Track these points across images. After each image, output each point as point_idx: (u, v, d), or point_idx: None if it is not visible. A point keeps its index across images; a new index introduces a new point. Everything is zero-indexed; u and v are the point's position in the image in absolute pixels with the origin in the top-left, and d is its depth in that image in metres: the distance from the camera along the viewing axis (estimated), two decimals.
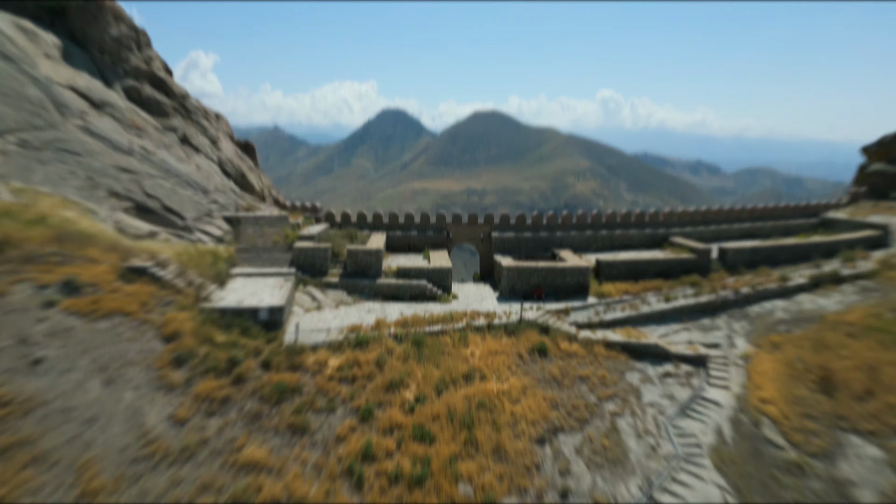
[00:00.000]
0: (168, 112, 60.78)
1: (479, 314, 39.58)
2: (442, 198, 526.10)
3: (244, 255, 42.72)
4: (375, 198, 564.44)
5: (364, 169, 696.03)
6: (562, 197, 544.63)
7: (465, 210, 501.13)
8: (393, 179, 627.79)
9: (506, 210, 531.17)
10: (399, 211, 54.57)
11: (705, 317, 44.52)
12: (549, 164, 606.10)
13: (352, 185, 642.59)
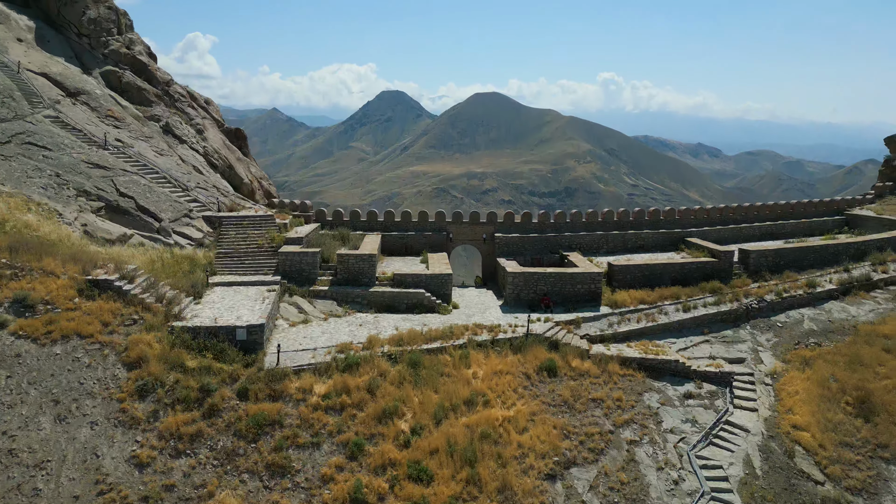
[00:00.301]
0: (150, 100, 57.07)
1: (482, 328, 36.05)
2: (441, 181, 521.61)
3: (225, 261, 39.13)
4: (375, 181, 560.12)
5: (363, 152, 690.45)
6: (562, 180, 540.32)
7: (465, 194, 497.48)
8: (392, 163, 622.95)
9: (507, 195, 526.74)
10: (396, 209, 51.01)
11: (727, 327, 41.01)
12: (550, 146, 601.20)
13: (351, 169, 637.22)
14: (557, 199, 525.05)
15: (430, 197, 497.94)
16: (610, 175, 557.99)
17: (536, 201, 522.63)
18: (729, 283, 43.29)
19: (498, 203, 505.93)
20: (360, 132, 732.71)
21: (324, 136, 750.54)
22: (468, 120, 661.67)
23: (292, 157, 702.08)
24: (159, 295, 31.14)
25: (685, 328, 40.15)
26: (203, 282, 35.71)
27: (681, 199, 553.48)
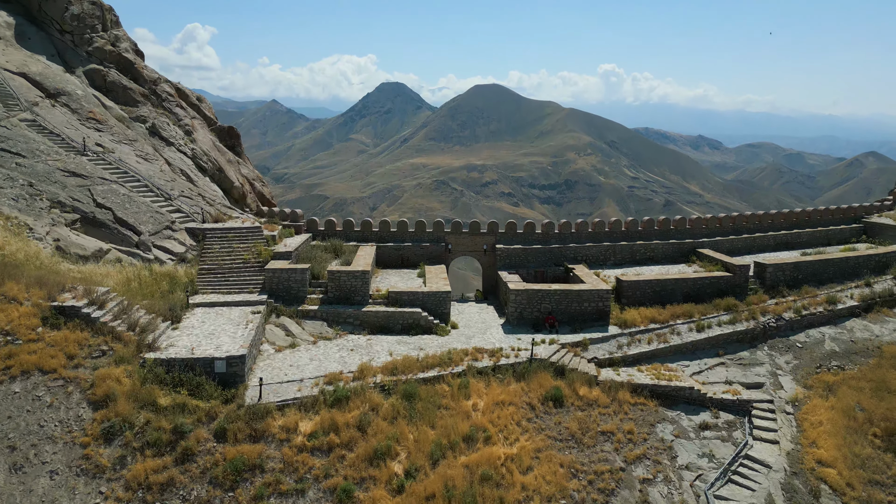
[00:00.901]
0: (136, 99, 54.43)
1: (483, 352, 33.55)
2: (441, 174, 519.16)
3: (208, 278, 36.60)
4: (374, 173, 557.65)
5: (363, 144, 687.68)
6: (562, 172, 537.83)
7: (465, 186, 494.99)
8: (392, 155, 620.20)
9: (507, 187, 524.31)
10: (391, 220, 48.42)
11: (744, 348, 38.55)
12: (550, 139, 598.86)
13: (351, 161, 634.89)
14: (558, 191, 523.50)
15: (430, 189, 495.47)
16: (610, 167, 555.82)
17: (536, 194, 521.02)
18: (744, 300, 40.76)
19: (498, 196, 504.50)
20: (359, 124, 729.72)
21: (323, 127, 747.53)
22: (468, 112, 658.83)
23: (292, 149, 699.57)
24: (132, 321, 28.61)
25: (699, 349, 37.70)
26: (183, 303, 33.20)
27: (681, 191, 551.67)
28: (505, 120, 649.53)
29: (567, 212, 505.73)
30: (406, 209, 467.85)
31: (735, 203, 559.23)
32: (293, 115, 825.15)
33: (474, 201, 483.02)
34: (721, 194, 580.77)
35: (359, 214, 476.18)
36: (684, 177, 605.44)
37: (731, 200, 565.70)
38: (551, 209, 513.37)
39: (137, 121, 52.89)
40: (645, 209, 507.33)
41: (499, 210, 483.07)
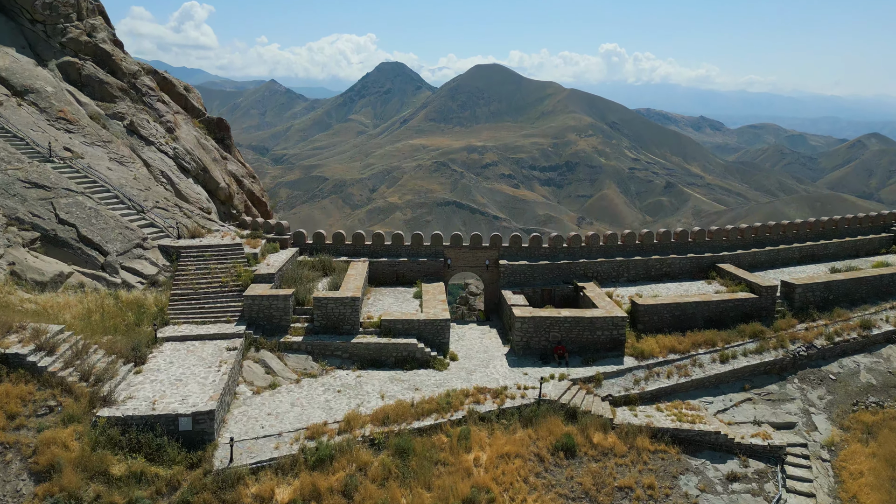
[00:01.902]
0: (114, 95, 50.59)
1: (486, 392, 30.04)
2: (441, 155, 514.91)
3: (181, 306, 33.00)
4: (374, 154, 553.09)
5: (362, 125, 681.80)
6: (563, 154, 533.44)
7: (465, 168, 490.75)
8: (392, 136, 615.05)
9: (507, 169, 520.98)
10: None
11: (772, 380, 35.06)
12: (551, 120, 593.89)
13: (350, 142, 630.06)
14: (558, 173, 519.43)
15: (430, 171, 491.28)
16: (611, 149, 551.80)
17: (537, 175, 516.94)
18: (772, 325, 37.21)
19: (498, 177, 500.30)
20: (359, 104, 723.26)
21: (322, 108, 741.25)
22: (468, 92, 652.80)
23: (291, 129, 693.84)
24: (86, 369, 25.04)
25: (723, 383, 34.22)
26: (150, 338, 29.66)
27: (682, 173, 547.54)
28: (506, 100, 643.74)
29: (567, 193, 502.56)
30: (406, 191, 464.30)
31: (736, 185, 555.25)
32: (292, 95, 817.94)
33: (474, 183, 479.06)
34: (722, 176, 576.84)
35: (358, 196, 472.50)
36: (685, 158, 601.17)
37: (733, 182, 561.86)
38: (552, 191, 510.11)
39: (114, 118, 49.13)
40: (646, 191, 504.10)
41: (499, 192, 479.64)
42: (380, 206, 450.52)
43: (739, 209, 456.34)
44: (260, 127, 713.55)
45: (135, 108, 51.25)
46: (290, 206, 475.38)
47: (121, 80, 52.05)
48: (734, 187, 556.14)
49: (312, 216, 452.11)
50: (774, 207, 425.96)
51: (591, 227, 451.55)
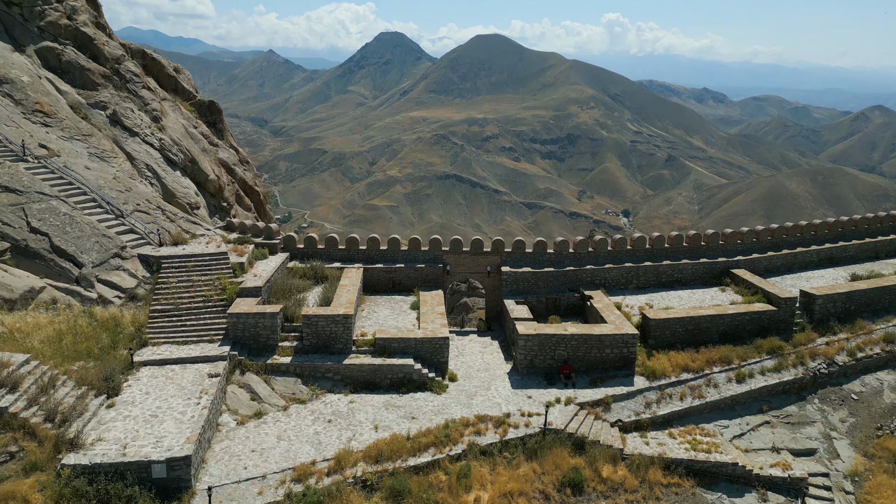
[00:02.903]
0: (96, 82, 47.96)
1: (487, 421, 27.98)
2: (441, 127, 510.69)
3: (161, 323, 30.81)
4: (373, 127, 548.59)
5: (361, 96, 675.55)
6: (564, 127, 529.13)
7: (466, 141, 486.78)
8: (391, 108, 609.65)
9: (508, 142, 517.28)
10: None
11: (791, 400, 33.03)
12: (552, 91, 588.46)
13: (349, 114, 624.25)
14: (559, 146, 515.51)
15: (430, 144, 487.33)
16: (613, 122, 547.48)
17: (538, 149, 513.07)
18: (791, 339, 35.07)
19: (499, 150, 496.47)
20: (358, 75, 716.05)
21: (321, 79, 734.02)
22: (469, 63, 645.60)
23: (290, 101, 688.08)
24: (52, 406, 22.93)
25: (739, 404, 32.18)
26: (126, 363, 27.53)
27: (684, 146, 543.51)
28: (507, 72, 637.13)
29: (568, 167, 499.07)
30: (405, 164, 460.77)
31: (738, 158, 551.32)
32: (290, 65, 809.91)
33: (475, 156, 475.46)
34: (724, 149, 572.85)
35: (358, 169, 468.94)
36: (688, 131, 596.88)
37: (735, 155, 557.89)
38: (552, 164, 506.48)
39: (97, 107, 46.59)
40: (647, 164, 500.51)
41: (500, 165, 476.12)
42: (379, 180, 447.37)
43: (741, 183, 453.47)
44: (258, 98, 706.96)
45: (118, 97, 48.64)
46: (289, 178, 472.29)
47: (103, 66, 49.36)
48: (736, 160, 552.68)
49: (312, 189, 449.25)
50: (776, 181, 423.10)
51: (591, 200, 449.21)
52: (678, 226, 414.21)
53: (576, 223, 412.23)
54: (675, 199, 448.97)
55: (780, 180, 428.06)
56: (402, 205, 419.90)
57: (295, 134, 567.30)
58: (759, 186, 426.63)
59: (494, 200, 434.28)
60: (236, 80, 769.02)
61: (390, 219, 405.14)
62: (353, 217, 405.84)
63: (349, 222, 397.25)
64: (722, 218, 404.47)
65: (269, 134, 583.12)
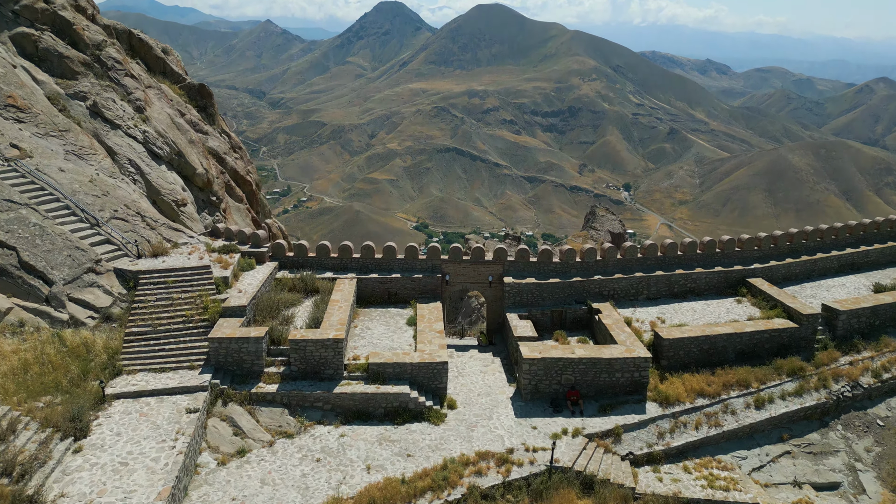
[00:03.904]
0: (75, 70, 45.28)
1: (489, 458, 25.84)
2: (441, 99, 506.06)
3: (138, 347, 28.57)
4: (373, 99, 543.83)
5: (360, 68, 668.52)
6: (566, 99, 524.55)
7: (466, 113, 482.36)
8: (391, 80, 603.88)
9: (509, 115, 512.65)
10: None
11: (812, 427, 30.96)
12: (554, 63, 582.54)
13: (348, 85, 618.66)
14: (560, 118, 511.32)
15: (430, 116, 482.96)
16: (615, 94, 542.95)
17: (539, 121, 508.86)
18: (812, 359, 32.87)
19: (499, 123, 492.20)
20: (356, 46, 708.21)
21: (319, 50, 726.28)
22: (469, 34, 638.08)
23: (288, 72, 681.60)
24: (10, 458, 20.74)
25: (758, 432, 30.12)
26: (97, 398, 25.35)
27: (686, 118, 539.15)
28: (507, 42, 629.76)
29: (569, 140, 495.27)
30: (405, 137, 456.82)
31: (741, 131, 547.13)
32: (288, 36, 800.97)
33: (475, 129, 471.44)
34: (727, 121, 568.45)
35: (357, 142, 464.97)
36: (690, 103, 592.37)
37: (737, 128, 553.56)
38: (553, 137, 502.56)
39: (76, 98, 43.94)
40: (649, 137, 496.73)
41: (500, 138, 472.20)
42: (379, 153, 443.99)
43: (743, 156, 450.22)
44: (256, 70, 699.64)
45: (99, 86, 45.92)
46: (287, 151, 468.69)
47: (83, 53, 46.56)
48: (738, 133, 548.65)
49: (311, 162, 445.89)
50: (779, 154, 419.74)
51: (592, 174, 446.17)
52: (679, 199, 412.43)
53: (576, 197, 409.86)
54: (677, 172, 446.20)
55: (783, 154, 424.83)
56: (401, 178, 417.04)
57: (293, 106, 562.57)
58: (761, 160, 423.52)
59: (495, 174, 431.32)
60: (233, 51, 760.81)
61: (390, 192, 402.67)
62: (353, 191, 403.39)
63: (349, 196, 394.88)
64: (723, 192, 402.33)
65: (267, 106, 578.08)
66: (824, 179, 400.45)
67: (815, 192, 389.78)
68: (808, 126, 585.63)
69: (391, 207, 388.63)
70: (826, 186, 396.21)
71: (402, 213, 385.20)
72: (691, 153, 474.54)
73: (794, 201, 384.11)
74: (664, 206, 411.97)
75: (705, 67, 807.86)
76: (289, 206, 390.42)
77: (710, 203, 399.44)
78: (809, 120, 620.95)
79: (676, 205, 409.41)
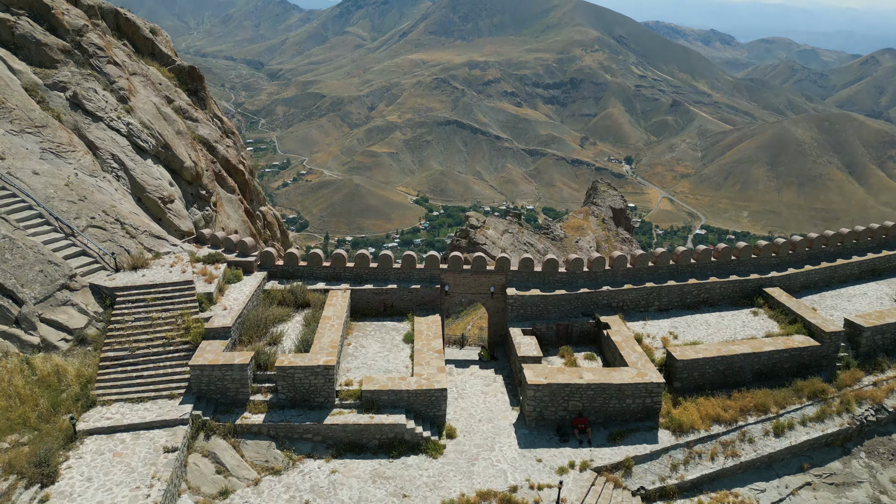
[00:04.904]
0: (54, 59, 42.94)
1: (491, 499, 23.98)
2: (442, 71, 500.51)
3: (115, 374, 26.57)
4: (372, 70, 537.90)
5: (360, 38, 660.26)
6: (568, 70, 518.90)
7: (467, 85, 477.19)
8: (390, 50, 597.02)
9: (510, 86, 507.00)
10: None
11: (834, 455, 29.09)
12: (556, 33, 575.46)
13: (347, 56, 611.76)
14: (562, 90, 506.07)
15: (430, 88, 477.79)
16: (618, 65, 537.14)
17: (540, 93, 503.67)
18: (834, 380, 30.90)
19: (500, 95, 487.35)
20: (356, 16, 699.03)
21: (318, 20, 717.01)
22: (470, 3, 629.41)
23: (286, 43, 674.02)
24: None
25: (776, 461, 28.25)
26: (67, 435, 23.41)
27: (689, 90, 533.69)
28: (509, 12, 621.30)
29: (571, 112, 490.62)
30: (405, 109, 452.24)
31: (744, 103, 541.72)
32: (286, 5, 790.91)
33: (476, 101, 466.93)
34: (730, 93, 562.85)
35: (356, 114, 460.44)
36: (693, 75, 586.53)
37: (740, 100, 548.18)
38: (555, 109, 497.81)
39: (55, 89, 41.62)
40: (651, 109, 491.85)
41: (501, 111, 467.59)
42: (379, 126, 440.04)
43: (745, 129, 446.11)
44: (254, 40, 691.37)
45: (80, 75, 43.50)
46: (286, 124, 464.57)
47: (63, 40, 44.03)
48: (742, 105, 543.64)
49: (310, 135, 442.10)
50: (782, 127, 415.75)
51: (594, 147, 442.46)
52: (680, 173, 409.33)
53: (578, 170, 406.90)
54: (679, 145, 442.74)
55: (786, 126, 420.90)
56: (401, 151, 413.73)
57: (292, 77, 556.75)
58: (763, 133, 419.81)
59: (496, 147, 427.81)
60: (231, 21, 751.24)
61: (390, 166, 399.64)
62: (353, 164, 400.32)
63: (348, 169, 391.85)
64: (725, 165, 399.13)
65: (265, 77, 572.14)
66: (827, 153, 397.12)
67: (817, 166, 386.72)
68: (812, 98, 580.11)
69: (391, 181, 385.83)
70: (829, 160, 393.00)
71: (402, 187, 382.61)
72: (694, 126, 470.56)
73: (797, 175, 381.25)
74: (665, 179, 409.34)
75: (709, 38, 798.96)
76: (288, 179, 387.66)
77: (712, 176, 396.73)
78: (813, 92, 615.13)
79: (678, 178, 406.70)
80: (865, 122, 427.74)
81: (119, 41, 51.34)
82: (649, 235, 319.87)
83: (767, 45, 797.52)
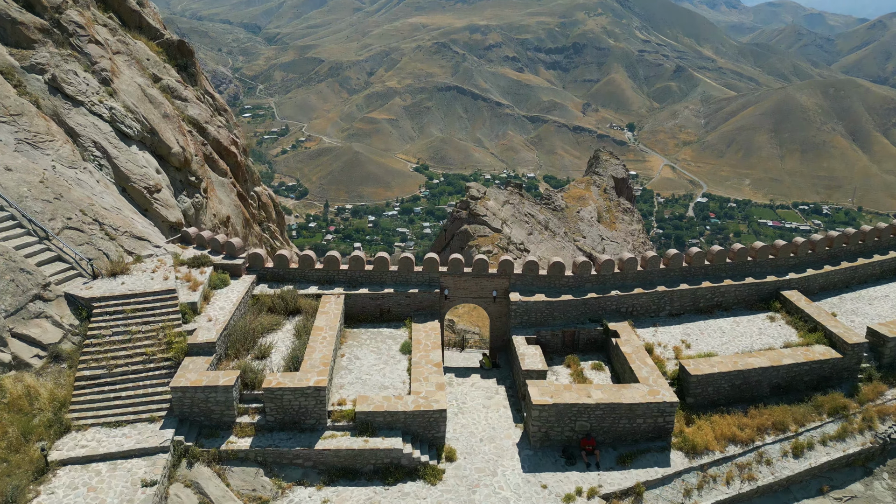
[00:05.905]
0: (32, 38, 40.79)
1: None
2: (442, 35, 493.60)
3: (91, 395, 24.84)
4: (371, 34, 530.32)
5: (359, 1, 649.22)
6: (570, 35, 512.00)
7: (468, 50, 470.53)
8: (389, 14, 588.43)
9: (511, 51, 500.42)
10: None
11: (856, 476, 27.46)
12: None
13: (346, 20, 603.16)
14: (564, 55, 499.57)
15: (431, 53, 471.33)
16: (621, 29, 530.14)
17: (542, 58, 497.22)
18: (856, 395, 29.19)
19: (502, 60, 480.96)
20: None
21: None
22: None
23: (284, 5, 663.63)
24: None
25: (795, 483, 26.67)
26: (38, 468, 21.74)
27: (693, 55, 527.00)
28: None
29: (573, 77, 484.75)
30: (405, 74, 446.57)
31: (749, 68, 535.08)
32: None
33: (477, 66, 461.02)
34: (735, 59, 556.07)
35: (355, 80, 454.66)
36: (698, 40, 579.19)
37: (745, 66, 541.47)
38: (557, 75, 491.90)
39: (32, 71, 39.47)
40: (654, 75, 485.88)
41: (502, 76, 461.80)
42: (378, 91, 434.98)
43: (750, 95, 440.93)
44: (251, 3, 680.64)
45: (59, 56, 41.23)
46: (285, 90, 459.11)
47: (41, 18, 41.65)
48: (746, 71, 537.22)
49: (308, 101, 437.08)
50: (786, 93, 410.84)
51: (596, 114, 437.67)
52: (683, 140, 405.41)
53: (579, 138, 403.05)
54: (682, 112, 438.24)
55: (790, 93, 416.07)
56: (401, 118, 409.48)
57: (290, 42, 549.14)
58: (768, 99, 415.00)
59: (497, 114, 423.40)
60: None
61: (390, 133, 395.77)
62: (352, 131, 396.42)
63: (348, 136, 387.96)
64: (728, 132, 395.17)
65: (263, 42, 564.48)
66: (831, 119, 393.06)
67: (821, 133, 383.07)
68: (817, 63, 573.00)
69: (391, 148, 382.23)
70: (833, 126, 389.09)
71: (402, 154, 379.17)
72: (697, 92, 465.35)
73: (800, 142, 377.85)
74: (668, 146, 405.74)
75: (714, 2, 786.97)
76: (287, 146, 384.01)
77: (715, 144, 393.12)
78: (819, 57, 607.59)
79: (681, 145, 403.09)
80: (871, 89, 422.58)
81: (104, 14, 48.94)
82: (650, 204, 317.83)
83: (774, 9, 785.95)
